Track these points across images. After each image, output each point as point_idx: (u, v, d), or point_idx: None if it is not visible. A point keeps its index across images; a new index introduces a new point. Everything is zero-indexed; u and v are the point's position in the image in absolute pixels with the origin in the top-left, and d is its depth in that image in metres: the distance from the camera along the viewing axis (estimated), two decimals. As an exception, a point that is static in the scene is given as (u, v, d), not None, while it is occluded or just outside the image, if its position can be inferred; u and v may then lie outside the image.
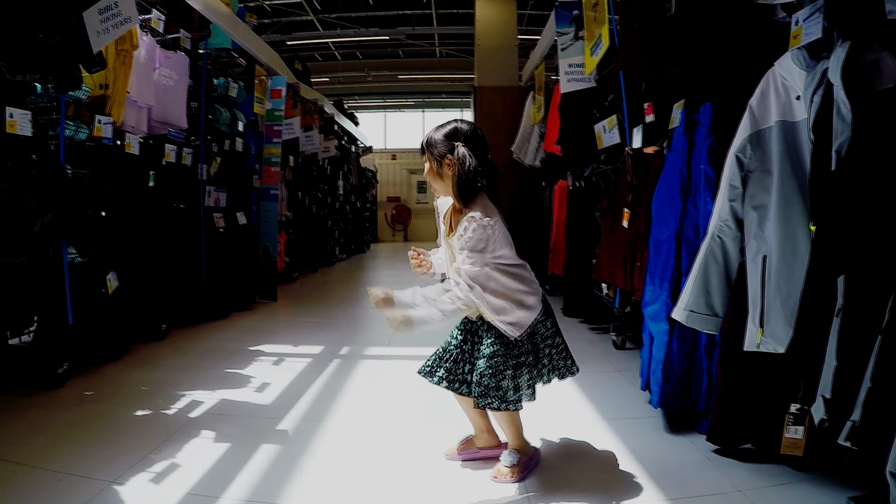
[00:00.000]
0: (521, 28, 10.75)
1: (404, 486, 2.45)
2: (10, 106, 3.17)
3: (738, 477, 2.46)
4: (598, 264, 4.51)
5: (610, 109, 4.87)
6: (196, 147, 5.50)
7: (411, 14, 14.64)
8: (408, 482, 2.49)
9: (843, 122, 2.01)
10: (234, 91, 6.17)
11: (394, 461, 2.68)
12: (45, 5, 3.21)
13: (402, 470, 2.60)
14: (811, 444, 2.31)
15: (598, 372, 4.00)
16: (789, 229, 2.30)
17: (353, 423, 3.11)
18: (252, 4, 13.42)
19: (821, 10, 2.15)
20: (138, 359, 4.29)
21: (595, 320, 5.44)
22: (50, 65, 3.26)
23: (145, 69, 4.59)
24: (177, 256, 5.08)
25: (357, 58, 18.82)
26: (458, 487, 2.44)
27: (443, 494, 2.39)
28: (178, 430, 2.99)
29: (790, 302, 2.25)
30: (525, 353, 2.46)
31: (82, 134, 3.86)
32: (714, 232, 2.62)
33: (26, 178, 3.26)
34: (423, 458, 2.70)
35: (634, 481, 2.46)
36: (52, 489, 2.34)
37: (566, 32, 5.69)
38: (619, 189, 4.24)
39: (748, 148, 2.48)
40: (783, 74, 2.40)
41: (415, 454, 2.75)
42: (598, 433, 2.98)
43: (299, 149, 8.90)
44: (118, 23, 3.69)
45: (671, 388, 2.96)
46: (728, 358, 2.58)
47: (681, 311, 2.71)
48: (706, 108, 2.93)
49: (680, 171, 3.10)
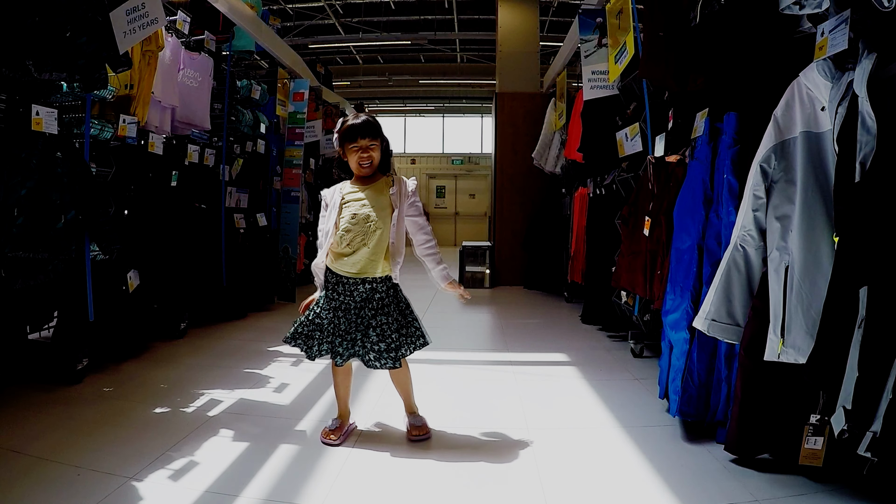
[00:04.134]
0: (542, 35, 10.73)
1: (422, 487, 2.45)
2: (37, 104, 3.22)
3: (756, 487, 2.43)
4: (618, 272, 4.50)
5: (632, 117, 4.86)
6: (218, 148, 5.55)
7: (433, 19, 14.70)
8: (426, 483, 2.49)
9: (868, 134, 1.99)
10: (257, 93, 6.22)
11: (412, 462, 2.68)
12: (74, 5, 3.24)
13: (420, 470, 2.60)
14: (830, 455, 2.30)
15: (615, 380, 3.99)
16: (812, 240, 2.29)
17: (371, 424, 3.12)
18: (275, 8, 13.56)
19: (847, 22, 2.13)
20: (157, 357, 4.33)
21: (613, 328, 5.42)
22: (77, 64, 3.29)
23: (170, 70, 4.63)
24: (197, 256, 5.12)
25: (378, 62, 18.92)
26: (475, 488, 2.44)
27: (460, 495, 2.39)
28: (196, 428, 3.01)
29: (812, 312, 2.24)
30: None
31: (107, 133, 3.91)
32: (737, 241, 2.60)
33: (52, 176, 3.30)
34: (442, 459, 2.70)
35: (651, 489, 2.45)
36: (70, 483, 2.36)
37: (590, 39, 5.69)
38: (640, 197, 4.22)
39: (773, 158, 2.47)
40: (808, 85, 2.38)
41: (433, 455, 2.75)
42: (615, 440, 2.97)
43: (320, 151, 8.93)
44: (145, 24, 3.72)
45: (690, 396, 2.95)
46: (748, 367, 2.56)
47: (702, 320, 2.70)
48: (730, 118, 2.91)
49: (703, 180, 3.09)
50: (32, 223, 3.19)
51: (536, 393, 3.71)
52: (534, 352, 4.87)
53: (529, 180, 8.97)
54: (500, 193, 9.28)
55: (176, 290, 4.80)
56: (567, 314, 6.61)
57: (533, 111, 9.08)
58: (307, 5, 14.00)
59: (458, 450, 2.80)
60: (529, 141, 8.74)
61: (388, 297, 2.88)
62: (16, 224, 3.11)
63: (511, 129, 9.24)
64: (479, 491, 2.45)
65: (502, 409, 3.40)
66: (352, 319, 2.85)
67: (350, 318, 2.85)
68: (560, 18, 13.86)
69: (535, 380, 4.02)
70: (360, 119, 2.87)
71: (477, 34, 14.99)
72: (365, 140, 2.84)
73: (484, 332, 5.62)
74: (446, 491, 2.44)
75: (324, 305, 2.88)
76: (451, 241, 21.21)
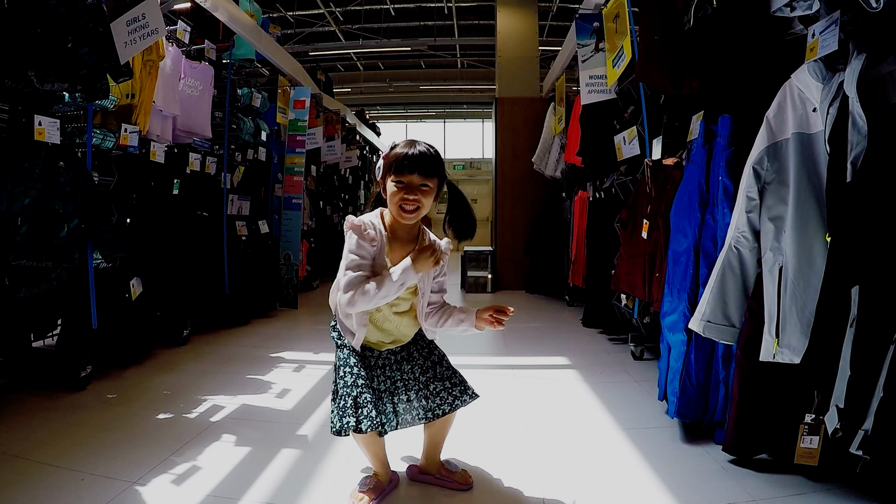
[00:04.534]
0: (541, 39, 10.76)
1: (422, 487, 2.47)
2: (39, 114, 3.26)
3: (754, 487, 2.45)
4: (617, 275, 4.52)
5: (630, 121, 4.88)
6: (220, 156, 5.58)
7: (433, 25, 14.73)
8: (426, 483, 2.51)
9: (858, 134, 2.02)
10: (258, 101, 6.25)
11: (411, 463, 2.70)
12: (75, 16, 3.28)
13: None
14: (826, 454, 2.32)
15: (615, 382, 4.00)
16: (806, 240, 2.31)
17: (370, 430, 3.13)
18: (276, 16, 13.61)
19: (837, 23, 2.15)
20: (160, 363, 4.35)
21: (614, 331, 5.44)
22: (79, 74, 3.33)
23: (171, 79, 4.67)
24: (200, 263, 5.14)
25: (379, 68, 18.96)
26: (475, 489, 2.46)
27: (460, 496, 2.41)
28: (199, 433, 3.03)
29: (806, 312, 2.26)
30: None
31: (109, 142, 3.94)
32: (731, 243, 2.62)
33: (54, 185, 3.33)
34: (440, 465, 2.71)
35: (650, 490, 2.47)
36: (74, 489, 2.39)
37: (587, 44, 5.70)
38: (638, 200, 4.25)
39: (765, 160, 2.49)
40: (800, 87, 2.41)
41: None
42: (614, 442, 2.99)
43: (321, 158, 8.96)
44: (146, 34, 3.77)
45: (688, 398, 2.97)
46: (745, 369, 2.58)
47: (698, 321, 2.72)
48: (724, 120, 2.94)
49: (699, 182, 3.11)
50: (36, 232, 3.22)
51: (536, 396, 3.72)
52: (534, 355, 4.88)
53: (530, 185, 8.99)
54: (501, 198, 9.29)
55: (178, 298, 4.82)
56: (568, 318, 6.62)
57: (533, 116, 9.09)
58: (307, 13, 14.03)
59: (458, 452, 2.81)
60: (530, 145, 8.75)
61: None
62: (19, 233, 3.14)
63: (511, 134, 9.26)
64: (479, 492, 2.47)
65: (502, 412, 3.42)
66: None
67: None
68: (559, 23, 13.88)
69: (536, 383, 4.03)
70: (415, 149, 2.21)
71: (477, 39, 15.00)
72: (415, 176, 2.19)
73: (485, 337, 5.62)
74: (446, 491, 2.47)
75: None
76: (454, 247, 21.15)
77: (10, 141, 3.19)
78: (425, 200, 2.21)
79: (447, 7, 13.97)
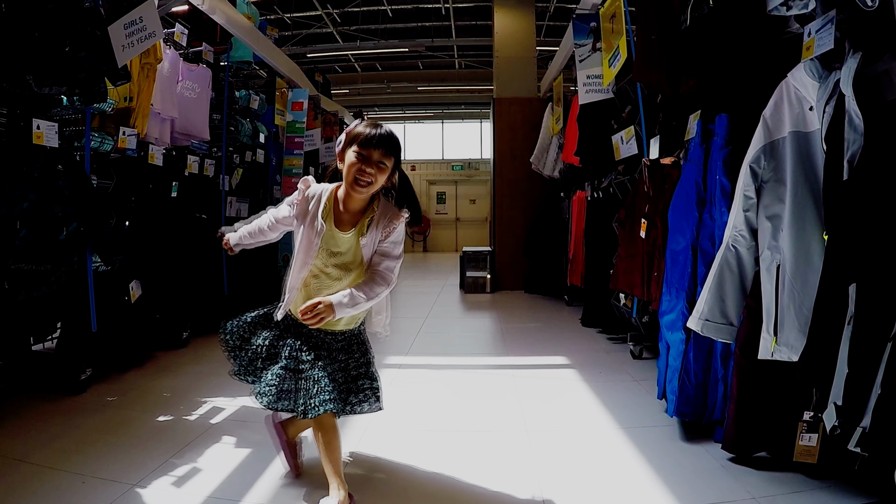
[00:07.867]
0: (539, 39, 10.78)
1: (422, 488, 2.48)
2: (38, 118, 3.26)
3: (753, 485, 2.46)
4: (616, 274, 4.53)
5: (627, 120, 4.89)
6: (218, 158, 5.58)
7: (430, 26, 14.73)
8: (425, 484, 2.52)
9: (854, 132, 2.02)
10: (256, 103, 6.26)
11: (411, 463, 2.71)
12: (73, 20, 3.29)
13: (419, 472, 2.63)
14: (825, 451, 2.32)
15: (615, 381, 4.01)
16: (803, 239, 2.32)
17: (372, 430, 3.13)
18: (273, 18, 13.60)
19: (833, 22, 2.16)
20: (160, 366, 4.36)
21: (613, 330, 5.44)
22: (77, 78, 3.33)
23: (169, 82, 4.67)
24: (199, 266, 5.14)
25: (377, 69, 18.95)
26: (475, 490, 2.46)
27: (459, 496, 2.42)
28: (199, 435, 3.03)
29: (804, 310, 2.27)
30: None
31: (107, 145, 3.94)
32: (729, 242, 2.63)
33: (53, 188, 3.33)
34: (443, 464, 2.71)
35: (650, 489, 2.47)
36: (75, 491, 2.39)
37: (584, 44, 5.71)
38: (636, 199, 4.25)
39: (762, 158, 2.50)
40: (796, 85, 2.41)
41: (434, 460, 2.76)
42: (614, 441, 3.00)
43: (319, 160, 8.96)
44: (143, 37, 3.77)
45: (687, 396, 2.97)
46: (744, 367, 2.59)
47: (696, 320, 2.73)
48: (721, 119, 2.95)
49: (696, 181, 3.11)
50: (35, 235, 3.23)
51: (536, 395, 3.73)
52: (534, 355, 4.89)
53: (529, 185, 9.00)
54: (499, 198, 9.30)
55: (178, 300, 4.83)
56: (567, 317, 6.62)
57: (531, 116, 9.11)
58: (305, 14, 14.04)
59: (457, 452, 2.82)
60: (528, 145, 8.76)
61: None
62: (19, 236, 3.14)
63: (509, 134, 9.27)
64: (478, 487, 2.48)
65: (502, 412, 3.43)
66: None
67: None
68: (556, 23, 13.87)
69: (535, 382, 4.04)
70: (381, 129, 2.29)
71: (474, 40, 15.01)
72: (377, 152, 2.26)
73: (485, 337, 5.63)
74: (446, 492, 2.47)
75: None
76: (453, 247, 21.22)
77: (9, 145, 3.19)
78: (380, 177, 2.30)
79: (444, 8, 13.96)
